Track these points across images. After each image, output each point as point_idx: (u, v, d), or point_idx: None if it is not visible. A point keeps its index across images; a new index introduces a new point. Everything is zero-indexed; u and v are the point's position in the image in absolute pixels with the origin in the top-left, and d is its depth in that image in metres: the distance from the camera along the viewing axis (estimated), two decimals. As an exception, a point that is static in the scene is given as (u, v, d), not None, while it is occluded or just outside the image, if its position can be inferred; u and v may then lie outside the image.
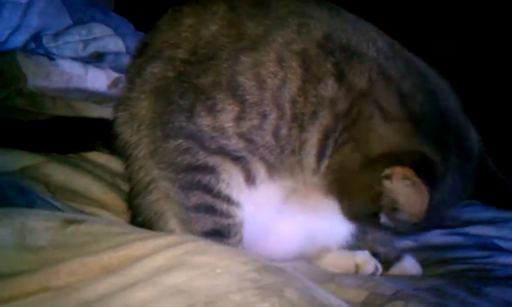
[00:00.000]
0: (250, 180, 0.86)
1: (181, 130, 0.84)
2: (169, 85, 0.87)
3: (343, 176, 0.83)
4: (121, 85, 1.01)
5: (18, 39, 1.69)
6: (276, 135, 0.82)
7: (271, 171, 0.86)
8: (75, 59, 1.62)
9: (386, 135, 0.79)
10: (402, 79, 0.82)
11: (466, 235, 1.19)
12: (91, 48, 1.79)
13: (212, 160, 0.84)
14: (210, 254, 0.65)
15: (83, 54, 1.76)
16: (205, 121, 0.83)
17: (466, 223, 1.24)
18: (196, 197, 0.85)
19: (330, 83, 0.81)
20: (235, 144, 0.83)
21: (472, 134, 0.85)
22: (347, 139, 0.81)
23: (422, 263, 1.07)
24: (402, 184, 0.77)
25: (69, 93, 1.47)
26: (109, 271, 0.62)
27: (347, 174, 0.83)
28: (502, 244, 1.17)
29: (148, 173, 0.91)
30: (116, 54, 1.79)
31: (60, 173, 1.06)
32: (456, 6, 2.12)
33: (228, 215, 0.86)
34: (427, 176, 0.76)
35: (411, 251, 1.10)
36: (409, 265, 1.05)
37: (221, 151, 0.83)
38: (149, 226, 0.91)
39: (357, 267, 0.99)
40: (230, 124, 0.82)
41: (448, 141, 0.80)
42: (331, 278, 0.90)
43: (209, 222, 0.86)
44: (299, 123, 0.81)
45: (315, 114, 0.81)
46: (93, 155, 1.18)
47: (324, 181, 0.85)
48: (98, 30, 1.85)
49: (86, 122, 1.26)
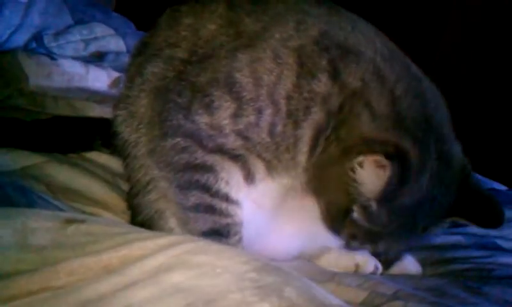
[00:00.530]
0: (249, 178, 0.86)
1: (179, 128, 0.84)
2: (168, 84, 0.88)
3: (320, 171, 0.84)
4: (122, 84, 1.01)
5: (20, 39, 1.69)
6: (271, 132, 0.82)
7: (270, 169, 0.86)
8: (76, 59, 1.62)
9: (367, 129, 0.80)
10: (396, 82, 0.82)
11: (467, 234, 1.19)
12: (92, 48, 1.79)
13: (210, 159, 0.84)
14: (210, 253, 0.65)
15: (84, 53, 1.76)
16: (202, 119, 0.83)
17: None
18: (195, 197, 0.86)
19: (324, 80, 0.81)
20: (232, 142, 0.83)
21: (455, 148, 0.86)
22: (335, 138, 0.82)
23: (422, 263, 1.06)
24: (372, 170, 0.78)
25: (70, 93, 1.47)
26: (109, 271, 0.62)
27: (324, 168, 0.83)
28: (503, 243, 1.16)
29: (147, 172, 0.91)
30: (117, 53, 1.79)
31: (61, 173, 1.06)
32: (459, 2, 2.13)
33: (227, 215, 0.86)
34: (399, 163, 0.76)
35: (410, 251, 1.10)
36: (409, 265, 1.04)
37: (219, 150, 0.83)
38: (149, 224, 0.91)
39: (357, 267, 0.99)
40: (227, 121, 0.82)
41: (428, 142, 0.80)
42: (331, 277, 0.90)
43: (208, 221, 0.86)
44: (294, 119, 0.82)
45: (307, 110, 0.81)
46: (93, 155, 1.18)
47: (304, 179, 0.85)
48: (99, 29, 1.85)
49: (87, 122, 1.26)
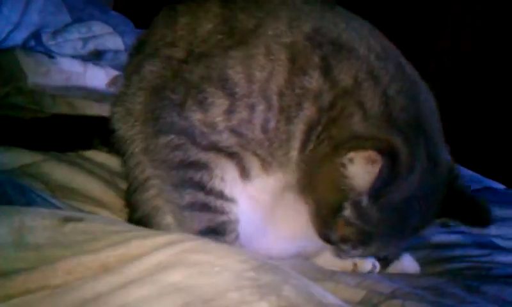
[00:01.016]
0: (244, 175, 0.86)
1: (172, 125, 0.84)
2: (164, 82, 0.88)
3: (310, 169, 0.83)
4: (120, 83, 1.01)
5: (18, 37, 1.69)
6: (264, 128, 0.82)
7: (264, 166, 0.86)
8: (74, 57, 1.62)
9: (359, 128, 0.80)
10: (390, 83, 0.82)
11: (465, 233, 1.19)
12: (91, 46, 1.79)
13: (204, 156, 0.84)
14: (208, 252, 0.65)
15: (82, 51, 1.76)
16: (196, 116, 0.83)
17: (465, 222, 1.24)
18: (189, 196, 0.86)
19: (315, 76, 0.81)
20: (226, 139, 0.83)
21: (444, 150, 0.86)
22: (326, 136, 0.81)
23: (420, 262, 1.07)
24: (363, 165, 0.78)
25: (68, 91, 1.47)
26: (107, 269, 0.62)
27: (314, 166, 0.83)
28: (501, 242, 1.17)
29: (144, 170, 0.91)
30: (115, 51, 1.79)
31: (59, 171, 1.06)
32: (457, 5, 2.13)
33: (222, 212, 0.86)
34: (389, 159, 0.76)
35: (409, 250, 1.10)
36: (408, 264, 1.05)
37: (213, 147, 0.84)
38: (147, 221, 0.91)
39: (355, 265, 0.99)
40: (220, 118, 0.82)
41: (418, 142, 0.80)
42: (329, 276, 0.90)
43: (204, 220, 0.86)
44: (286, 115, 0.82)
45: (299, 106, 0.81)
46: (91, 154, 1.18)
47: (295, 176, 0.85)
48: (98, 28, 1.84)
49: (85, 120, 1.26)
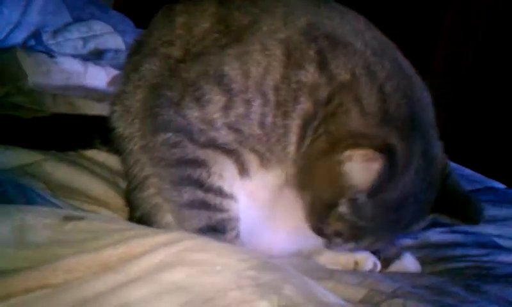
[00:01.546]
0: (243, 171, 0.86)
1: (170, 123, 0.84)
2: (162, 81, 0.88)
3: (306, 165, 0.83)
4: (119, 81, 1.01)
5: (18, 37, 1.69)
6: (261, 123, 0.82)
7: (263, 162, 0.86)
8: (74, 57, 1.62)
9: (356, 126, 0.80)
10: (386, 79, 0.82)
11: (466, 233, 1.19)
12: (91, 46, 1.79)
13: (202, 154, 0.84)
14: (209, 251, 0.65)
15: (83, 51, 1.76)
16: (193, 113, 0.83)
17: (466, 221, 1.24)
18: (188, 194, 0.85)
19: (311, 70, 0.81)
20: (224, 135, 0.83)
21: (438, 148, 0.86)
22: (323, 132, 0.82)
23: (421, 261, 1.06)
24: (361, 163, 0.78)
25: (69, 90, 1.47)
26: (107, 268, 0.62)
27: (310, 162, 0.83)
28: (502, 242, 1.17)
29: (143, 168, 0.91)
30: (116, 51, 1.79)
31: (59, 171, 1.06)
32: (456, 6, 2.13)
33: (222, 210, 0.86)
34: (386, 157, 0.76)
35: (410, 249, 1.10)
36: (409, 263, 1.04)
37: (211, 145, 0.84)
38: (147, 219, 0.91)
39: (356, 264, 0.99)
40: (217, 114, 0.82)
41: (414, 140, 0.81)
42: (330, 275, 0.89)
43: (204, 218, 0.86)
44: (283, 110, 0.82)
45: (296, 100, 0.82)
46: (92, 153, 1.18)
47: (290, 172, 0.85)
48: (98, 27, 1.85)
49: (86, 120, 1.26)
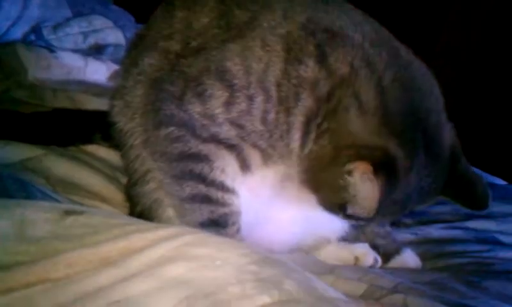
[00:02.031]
0: (245, 167, 0.86)
1: (172, 117, 0.84)
2: (163, 75, 0.88)
3: (315, 166, 0.84)
4: (118, 76, 1.01)
5: (18, 31, 1.68)
6: (264, 119, 0.82)
7: (265, 158, 0.86)
8: (75, 51, 1.62)
9: (356, 128, 0.80)
10: (384, 71, 0.81)
11: (466, 229, 1.19)
12: (91, 41, 1.78)
13: (204, 148, 0.84)
14: (209, 246, 0.64)
15: (83, 46, 1.76)
16: (195, 108, 0.83)
17: (467, 217, 1.24)
18: (190, 187, 0.85)
19: (311, 64, 0.81)
20: (226, 131, 0.83)
21: (445, 134, 0.85)
22: (326, 129, 0.82)
23: (422, 257, 1.07)
24: (361, 180, 0.78)
25: (69, 85, 1.47)
26: (108, 263, 0.62)
27: (318, 164, 0.83)
28: (502, 238, 1.17)
29: (144, 163, 0.91)
30: (116, 46, 1.79)
31: (60, 166, 1.06)
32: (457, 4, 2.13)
33: (223, 204, 0.86)
34: (387, 173, 0.77)
35: (410, 244, 1.10)
36: (409, 258, 1.05)
37: (214, 139, 0.83)
38: (148, 214, 0.91)
39: (356, 259, 0.99)
40: (219, 110, 0.82)
41: (416, 140, 0.80)
42: (330, 270, 0.89)
43: (205, 212, 0.86)
44: (285, 106, 0.82)
45: (297, 96, 0.81)
46: (92, 148, 1.17)
47: (301, 170, 0.86)
48: (98, 22, 1.84)
49: (86, 115, 1.25)
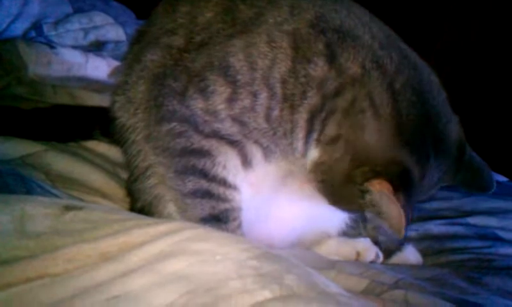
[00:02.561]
0: (247, 163, 0.86)
1: (174, 113, 0.84)
2: (165, 71, 0.87)
3: (331, 180, 0.83)
4: (120, 71, 1.01)
5: (19, 28, 1.68)
6: (268, 116, 0.82)
7: (267, 154, 0.86)
8: (75, 48, 1.61)
9: (371, 137, 0.79)
10: (395, 74, 0.81)
11: (467, 225, 1.19)
12: (92, 37, 1.78)
13: (206, 144, 0.84)
14: (210, 241, 0.64)
15: (83, 42, 1.75)
16: (198, 104, 0.82)
17: (467, 213, 1.24)
18: (192, 183, 0.85)
19: (320, 63, 0.80)
20: (229, 127, 0.83)
21: (452, 131, 0.86)
22: (338, 136, 0.81)
23: (423, 253, 1.07)
24: (381, 198, 0.79)
25: (70, 82, 1.47)
26: (108, 258, 0.61)
27: (334, 179, 0.83)
28: (503, 234, 1.17)
29: (145, 158, 0.91)
30: (117, 42, 1.79)
31: (60, 162, 1.06)
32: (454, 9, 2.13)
33: (225, 199, 0.86)
34: (404, 187, 0.78)
35: (411, 241, 1.10)
36: (411, 255, 1.04)
37: (216, 135, 0.83)
38: (148, 210, 0.91)
39: (358, 254, 0.99)
40: (222, 106, 0.82)
41: (427, 145, 0.81)
42: (331, 266, 0.89)
43: (206, 207, 0.86)
44: (290, 103, 0.81)
45: (304, 94, 0.81)
46: (92, 144, 1.17)
47: (314, 179, 0.85)
48: (99, 18, 1.83)
49: (86, 111, 1.26)
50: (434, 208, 1.26)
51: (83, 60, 1.54)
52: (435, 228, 1.17)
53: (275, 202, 0.92)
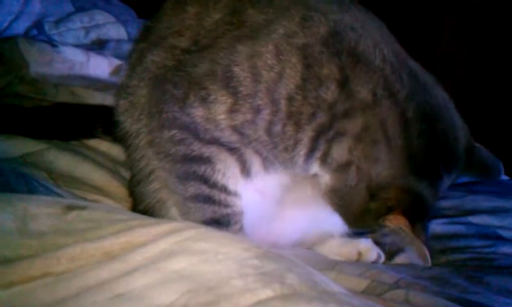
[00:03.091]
0: (245, 171, 0.85)
1: (175, 120, 0.83)
2: (166, 74, 0.86)
3: (348, 206, 0.83)
4: (123, 72, 1.00)
5: (20, 26, 1.68)
6: (269, 130, 0.80)
7: (266, 164, 0.85)
8: (77, 46, 1.61)
9: (383, 169, 0.79)
10: (406, 101, 0.79)
11: (469, 224, 1.19)
12: (93, 35, 1.78)
13: (207, 151, 0.83)
14: (211, 240, 0.64)
15: (85, 41, 1.75)
16: (198, 112, 0.81)
17: (469, 212, 1.24)
18: (193, 188, 0.85)
19: (332, 88, 0.78)
20: (228, 136, 0.82)
21: (461, 143, 0.85)
22: (349, 161, 0.80)
23: (424, 252, 1.06)
24: (400, 232, 0.79)
25: (71, 80, 1.47)
26: (110, 257, 0.62)
27: (351, 206, 0.83)
28: (505, 233, 1.16)
29: (148, 163, 0.91)
30: (118, 41, 1.79)
31: (62, 160, 1.06)
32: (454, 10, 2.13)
33: (226, 205, 0.86)
34: (419, 215, 0.78)
35: (412, 240, 1.10)
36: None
37: (216, 142, 0.82)
38: (151, 213, 0.91)
39: (359, 255, 0.99)
40: (222, 116, 0.80)
41: (439, 169, 0.81)
42: (332, 266, 0.89)
43: (208, 211, 0.85)
44: (296, 121, 0.79)
45: (313, 115, 0.79)
46: (94, 143, 1.17)
47: (329, 203, 0.85)
48: (100, 17, 1.84)
49: (88, 109, 1.25)
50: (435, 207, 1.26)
51: (85, 59, 1.54)
52: (436, 227, 1.17)
53: (278, 204, 0.92)
